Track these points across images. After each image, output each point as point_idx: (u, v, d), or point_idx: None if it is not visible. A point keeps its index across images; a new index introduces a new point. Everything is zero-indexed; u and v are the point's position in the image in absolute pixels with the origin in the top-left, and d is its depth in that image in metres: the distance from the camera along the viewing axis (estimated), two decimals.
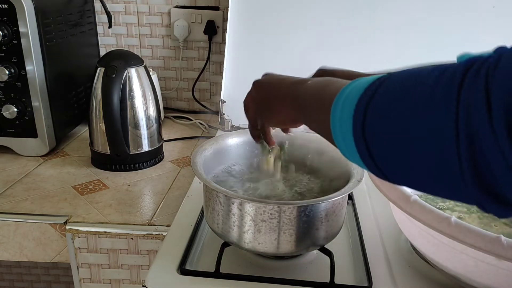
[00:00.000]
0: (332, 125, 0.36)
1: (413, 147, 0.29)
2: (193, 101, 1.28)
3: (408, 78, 0.31)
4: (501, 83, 0.24)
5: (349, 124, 0.33)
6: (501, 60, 0.25)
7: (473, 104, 0.25)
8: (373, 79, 0.33)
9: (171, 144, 1.05)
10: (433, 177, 0.29)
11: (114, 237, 0.71)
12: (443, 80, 0.28)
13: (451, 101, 0.26)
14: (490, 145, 0.25)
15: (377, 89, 0.32)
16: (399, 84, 0.31)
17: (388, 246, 0.65)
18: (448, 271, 0.57)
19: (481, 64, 0.26)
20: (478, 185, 0.26)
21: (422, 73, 0.30)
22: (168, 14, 1.20)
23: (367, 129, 0.32)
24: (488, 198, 0.27)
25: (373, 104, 0.32)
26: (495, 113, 0.24)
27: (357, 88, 0.34)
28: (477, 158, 0.26)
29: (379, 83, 0.32)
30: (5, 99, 0.89)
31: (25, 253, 0.74)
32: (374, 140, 0.32)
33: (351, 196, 0.76)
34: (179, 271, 0.57)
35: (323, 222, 0.55)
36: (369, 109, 0.32)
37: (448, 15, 1.01)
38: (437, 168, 0.28)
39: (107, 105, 0.82)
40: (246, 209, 0.54)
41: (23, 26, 0.85)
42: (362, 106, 0.32)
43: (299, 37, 1.05)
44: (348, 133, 0.34)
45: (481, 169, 0.26)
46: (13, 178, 0.86)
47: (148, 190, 0.83)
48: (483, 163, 0.25)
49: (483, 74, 0.25)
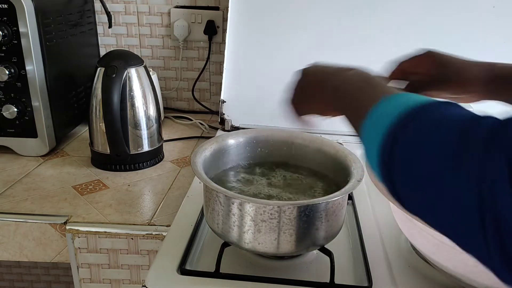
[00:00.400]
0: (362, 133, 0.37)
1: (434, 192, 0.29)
2: (193, 101, 1.28)
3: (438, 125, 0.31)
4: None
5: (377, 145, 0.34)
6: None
7: (496, 179, 0.25)
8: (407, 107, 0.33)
9: (171, 144, 1.05)
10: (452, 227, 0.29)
11: (114, 237, 0.71)
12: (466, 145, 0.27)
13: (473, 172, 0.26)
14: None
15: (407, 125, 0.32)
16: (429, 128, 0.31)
17: (388, 246, 0.65)
18: (448, 271, 0.56)
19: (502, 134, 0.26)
20: (502, 258, 0.26)
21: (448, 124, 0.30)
22: (168, 14, 1.20)
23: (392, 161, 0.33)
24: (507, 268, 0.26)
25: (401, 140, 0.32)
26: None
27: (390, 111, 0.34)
28: (503, 235, 0.25)
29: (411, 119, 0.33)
30: (5, 99, 0.89)
31: (25, 253, 0.74)
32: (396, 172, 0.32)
33: (351, 196, 0.76)
34: (179, 271, 0.57)
35: (323, 222, 0.55)
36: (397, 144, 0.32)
37: (448, 15, 1.01)
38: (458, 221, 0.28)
39: (107, 105, 0.82)
40: (246, 209, 0.54)
41: (23, 26, 0.85)
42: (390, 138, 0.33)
43: (299, 37, 1.05)
44: (374, 151, 0.34)
45: (506, 246, 0.25)
46: (13, 178, 0.86)
47: (148, 190, 0.83)
48: (508, 235, 0.25)
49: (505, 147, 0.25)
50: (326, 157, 0.68)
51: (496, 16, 1.00)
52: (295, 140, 0.71)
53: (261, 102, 1.03)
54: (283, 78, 0.59)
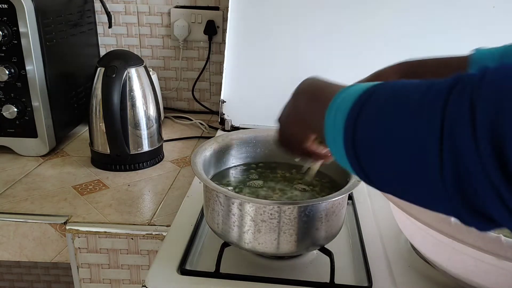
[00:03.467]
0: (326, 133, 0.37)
1: (398, 157, 0.30)
2: (193, 101, 1.28)
3: (395, 92, 0.32)
4: (486, 99, 0.25)
5: (340, 133, 0.34)
6: (486, 77, 0.26)
7: (458, 121, 0.26)
8: (362, 90, 0.34)
9: (171, 144, 1.05)
10: (416, 187, 0.30)
11: (114, 237, 0.71)
12: (429, 96, 0.28)
13: (436, 117, 0.27)
14: (474, 161, 0.25)
15: (366, 101, 0.33)
16: (386, 98, 0.32)
17: (388, 246, 0.65)
18: (448, 271, 0.57)
19: (467, 81, 0.27)
20: (460, 199, 0.27)
21: (408, 88, 0.31)
22: (168, 14, 1.20)
23: (356, 139, 0.33)
24: (470, 212, 0.27)
25: (362, 117, 0.33)
26: (479, 129, 0.24)
27: (347, 98, 0.35)
28: (460, 174, 0.26)
29: (368, 95, 0.34)
30: (5, 99, 0.89)
31: (25, 253, 0.74)
32: (362, 148, 0.33)
33: (351, 196, 0.76)
34: (179, 271, 0.57)
35: (323, 222, 0.55)
36: (358, 122, 0.33)
37: (448, 16, 1.01)
38: (420, 179, 0.29)
39: (107, 105, 0.82)
40: (246, 209, 0.54)
41: (23, 26, 0.85)
42: (352, 118, 0.34)
43: (299, 37, 1.05)
44: (339, 141, 0.35)
45: (463, 185, 0.26)
46: (13, 178, 0.86)
47: (148, 190, 0.83)
48: (466, 179, 0.26)
49: (468, 91, 0.26)
50: None
51: (496, 16, 1.00)
52: None
53: (261, 102, 1.03)
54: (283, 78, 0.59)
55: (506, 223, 0.26)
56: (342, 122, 0.34)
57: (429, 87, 0.29)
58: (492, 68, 0.26)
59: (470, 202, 0.26)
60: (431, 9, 1.01)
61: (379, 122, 0.31)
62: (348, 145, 0.34)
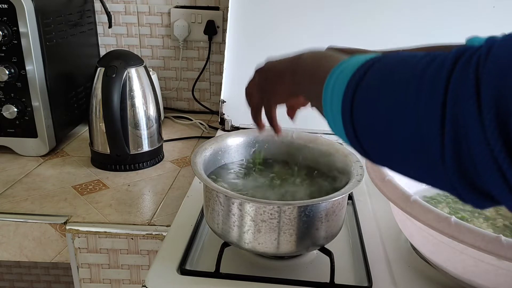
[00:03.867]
0: (324, 100, 0.37)
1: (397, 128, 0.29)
2: (193, 101, 1.28)
3: (398, 63, 0.31)
4: (492, 73, 0.24)
5: (339, 102, 0.34)
6: (492, 50, 0.25)
7: (462, 93, 0.25)
8: (365, 59, 0.34)
9: (171, 144, 1.05)
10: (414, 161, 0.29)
11: (114, 237, 0.71)
12: (433, 67, 0.27)
13: (439, 89, 0.26)
14: (476, 135, 0.24)
15: (368, 71, 0.33)
16: (389, 68, 0.31)
17: (388, 246, 0.65)
18: (448, 271, 0.57)
19: (472, 53, 0.26)
20: (459, 174, 0.26)
21: (413, 59, 0.30)
22: (168, 14, 1.20)
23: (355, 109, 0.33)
24: (468, 188, 0.26)
25: (362, 85, 0.32)
26: (484, 103, 0.24)
27: (349, 68, 0.34)
28: (462, 149, 0.25)
29: (371, 64, 0.33)
30: (5, 99, 0.89)
31: (25, 253, 0.74)
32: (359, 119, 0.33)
33: (351, 196, 0.76)
34: (179, 271, 0.57)
35: (323, 222, 0.55)
36: (358, 90, 0.32)
37: (448, 15, 1.01)
38: (419, 151, 0.28)
39: (107, 105, 0.82)
40: (246, 209, 0.54)
41: (23, 26, 0.85)
42: (351, 87, 0.33)
43: (299, 37, 1.04)
44: (337, 110, 0.34)
45: (465, 160, 0.25)
46: (13, 178, 0.86)
47: (148, 190, 0.83)
48: (467, 153, 0.25)
49: (473, 64, 0.25)
50: (326, 157, 0.68)
51: (496, 16, 1.00)
52: (295, 140, 0.71)
53: None
54: None
55: (505, 201, 0.26)
56: (341, 91, 0.34)
57: (433, 58, 0.28)
58: (499, 41, 0.25)
59: (470, 178, 0.26)
60: (431, 9, 1.01)
61: (380, 91, 0.31)
62: (346, 113, 0.33)
